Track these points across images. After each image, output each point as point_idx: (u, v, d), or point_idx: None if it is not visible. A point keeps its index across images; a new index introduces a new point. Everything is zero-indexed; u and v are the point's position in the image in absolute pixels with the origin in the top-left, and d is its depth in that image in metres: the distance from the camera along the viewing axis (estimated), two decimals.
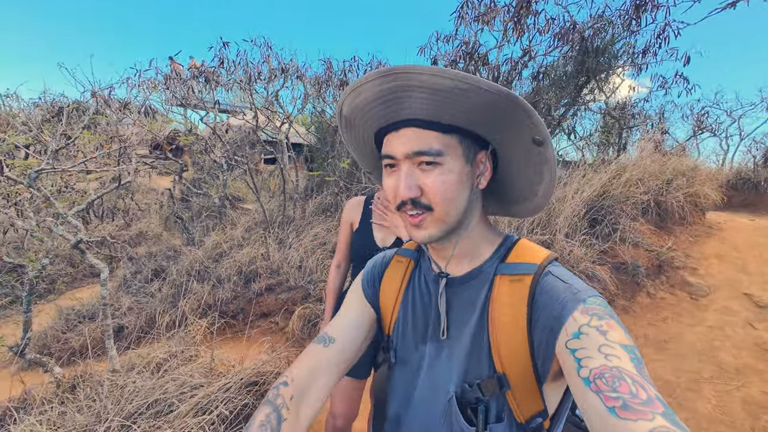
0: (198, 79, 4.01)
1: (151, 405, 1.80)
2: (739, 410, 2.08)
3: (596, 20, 3.56)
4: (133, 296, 3.98)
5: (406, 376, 0.64)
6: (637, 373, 0.40)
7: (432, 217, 0.54)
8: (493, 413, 0.53)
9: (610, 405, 0.38)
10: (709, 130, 8.04)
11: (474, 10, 3.71)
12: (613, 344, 0.43)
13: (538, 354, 0.50)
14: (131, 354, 2.75)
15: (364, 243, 1.38)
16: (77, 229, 1.88)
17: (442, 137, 0.52)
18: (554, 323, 0.48)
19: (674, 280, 3.17)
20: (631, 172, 3.69)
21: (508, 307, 0.53)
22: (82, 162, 1.73)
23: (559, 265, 0.56)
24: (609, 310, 0.48)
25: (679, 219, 3.80)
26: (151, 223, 6.41)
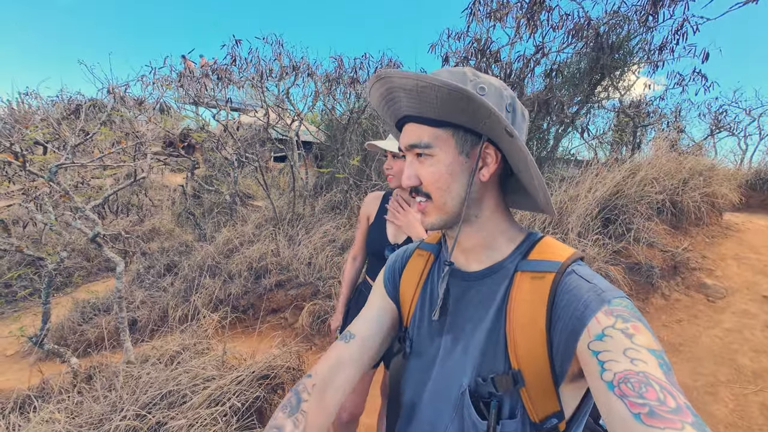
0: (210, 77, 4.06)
1: (165, 396, 1.83)
2: (758, 415, 2.03)
3: (612, 16, 3.49)
4: (146, 290, 4.05)
5: (421, 367, 0.64)
6: (666, 380, 0.39)
7: (432, 206, 0.58)
8: (506, 409, 0.52)
9: (636, 411, 0.37)
10: (727, 129, 7.84)
11: (486, 7, 3.67)
12: (640, 348, 0.42)
13: (556, 354, 0.49)
14: (145, 346, 2.81)
15: (376, 237, 1.40)
16: (95, 223, 1.92)
17: (433, 130, 0.56)
18: (576, 324, 0.47)
19: (690, 281, 3.10)
20: (646, 171, 3.61)
21: (528, 304, 0.52)
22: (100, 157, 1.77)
23: (584, 265, 0.55)
24: (636, 312, 0.47)
25: (696, 219, 3.72)
26: (164, 219, 6.51)
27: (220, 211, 5.07)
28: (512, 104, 0.56)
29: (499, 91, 0.55)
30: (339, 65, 3.67)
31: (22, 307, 4.38)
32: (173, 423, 1.51)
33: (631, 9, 3.56)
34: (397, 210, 1.30)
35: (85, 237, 2.01)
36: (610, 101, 5.13)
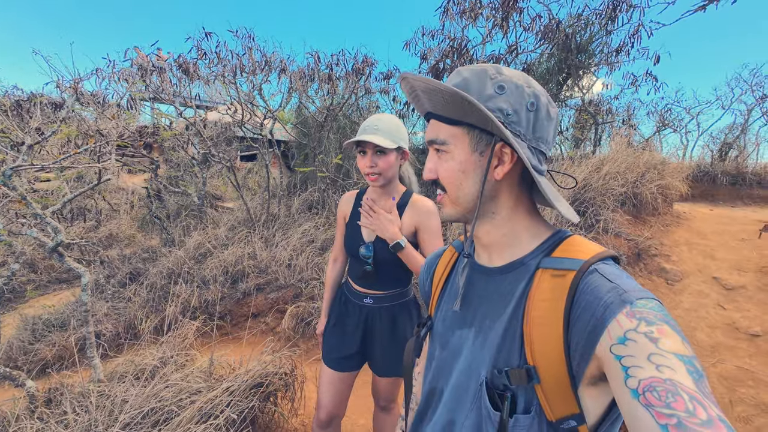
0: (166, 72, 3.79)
1: (148, 414, 1.70)
2: (717, 384, 2.25)
3: (576, 19, 3.68)
4: (107, 302, 3.74)
5: (446, 358, 0.66)
6: (696, 389, 0.37)
7: (447, 199, 0.61)
8: (521, 404, 0.52)
9: (663, 422, 0.35)
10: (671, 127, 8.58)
11: (459, 6, 3.74)
12: (666, 353, 0.39)
13: (573, 354, 0.48)
14: (113, 362, 2.60)
15: (352, 237, 1.38)
16: (57, 231, 1.74)
17: (449, 128, 0.58)
18: (596, 325, 0.46)
19: (651, 267, 3.36)
20: (610, 165, 3.86)
21: (547, 302, 0.52)
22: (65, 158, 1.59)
23: (612, 264, 0.53)
24: (663, 314, 0.44)
25: (652, 209, 4.03)
26: (122, 224, 6.05)
27: (189, 214, 4.79)
28: (535, 103, 0.55)
29: (520, 90, 0.54)
30: (316, 61, 3.58)
31: None
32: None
33: (592, 13, 3.78)
34: (368, 213, 1.29)
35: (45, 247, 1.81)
36: (572, 99, 5.43)
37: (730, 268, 3.41)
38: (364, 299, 1.38)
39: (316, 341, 3.17)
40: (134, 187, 7.24)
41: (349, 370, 1.42)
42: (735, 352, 2.51)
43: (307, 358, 2.87)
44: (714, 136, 8.25)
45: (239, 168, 8.32)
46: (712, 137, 8.29)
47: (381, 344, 1.38)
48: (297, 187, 5.21)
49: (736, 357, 2.46)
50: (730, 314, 2.86)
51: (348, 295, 1.44)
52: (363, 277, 1.34)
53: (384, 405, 1.54)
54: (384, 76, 3.85)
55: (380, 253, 1.29)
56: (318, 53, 3.54)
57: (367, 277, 1.33)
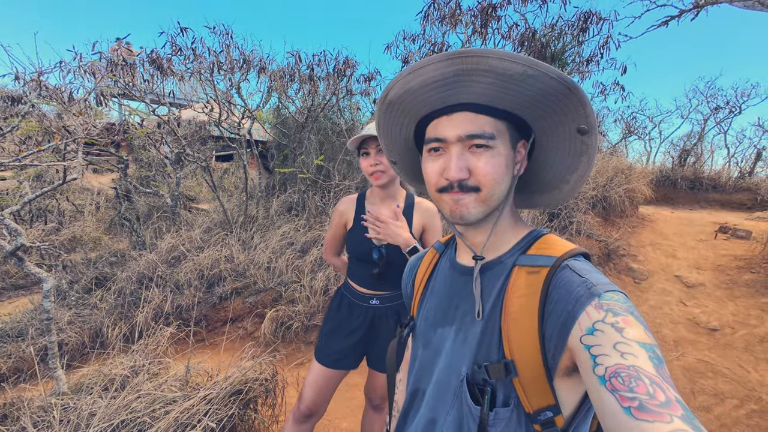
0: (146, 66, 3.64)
1: (118, 427, 1.61)
2: (681, 377, 2.39)
3: (550, 29, 3.83)
4: (71, 309, 3.52)
5: (428, 357, 0.66)
6: (656, 374, 0.39)
7: (476, 198, 0.56)
8: (500, 398, 0.54)
9: (626, 405, 0.37)
10: (636, 134, 9.08)
11: (439, 12, 3.81)
12: (630, 342, 0.42)
13: (548, 346, 0.50)
14: (78, 373, 2.44)
15: (360, 241, 1.36)
16: (17, 234, 1.63)
17: (494, 122, 0.55)
18: (567, 317, 0.48)
19: (620, 266, 3.53)
20: None
21: (522, 298, 0.54)
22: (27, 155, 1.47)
23: (582, 260, 0.55)
24: (628, 305, 0.47)
25: (620, 212, 4.25)
26: (86, 226, 5.72)
27: (161, 216, 4.59)
28: None
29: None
30: (296, 61, 3.53)
31: None
32: None
33: (566, 23, 3.95)
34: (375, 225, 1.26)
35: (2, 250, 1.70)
36: None
37: (689, 266, 3.64)
38: (370, 301, 1.38)
39: (296, 346, 3.11)
40: (100, 188, 6.85)
41: (344, 368, 1.41)
42: (696, 345, 2.68)
43: (288, 363, 2.82)
44: (674, 143, 8.82)
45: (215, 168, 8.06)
46: (672, 144, 8.85)
47: (385, 340, 1.39)
48: (276, 189, 5.10)
49: (696, 350, 2.62)
50: (691, 310, 3.05)
51: (351, 298, 1.43)
52: (371, 279, 1.34)
53: (378, 404, 1.54)
54: (365, 78, 3.86)
55: (391, 256, 1.30)
56: (299, 53, 3.49)
57: (376, 279, 1.33)
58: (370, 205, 1.40)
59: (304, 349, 3.07)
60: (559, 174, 0.63)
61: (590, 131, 0.54)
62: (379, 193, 1.36)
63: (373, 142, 1.26)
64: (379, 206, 1.37)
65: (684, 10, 2.93)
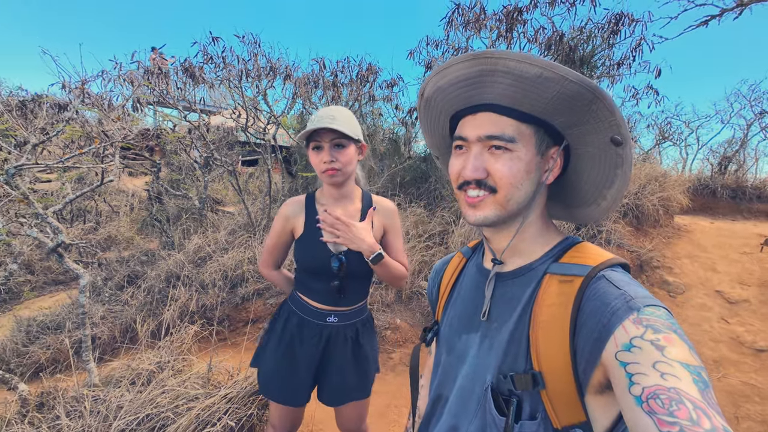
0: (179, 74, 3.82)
1: (143, 421, 1.66)
2: (723, 399, 2.21)
3: (579, 32, 3.73)
4: (104, 304, 3.70)
5: (452, 363, 0.65)
6: (701, 398, 0.36)
7: (493, 199, 0.55)
8: (527, 410, 0.52)
9: (665, 429, 0.35)
10: (671, 140, 8.64)
11: (464, 17, 3.79)
12: (672, 362, 0.39)
13: (580, 360, 0.48)
14: (109, 366, 2.55)
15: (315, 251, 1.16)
16: (58, 231, 1.72)
17: (518, 125, 0.53)
18: (602, 331, 0.45)
19: (654, 279, 3.34)
20: None
21: (553, 307, 0.52)
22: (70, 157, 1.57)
23: (621, 272, 0.52)
24: (671, 322, 0.44)
25: (654, 221, 4.03)
26: (121, 226, 6.02)
27: (189, 217, 4.77)
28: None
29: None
30: (321, 67, 3.61)
31: None
32: None
33: (595, 26, 3.83)
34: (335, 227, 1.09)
35: (45, 247, 1.80)
36: None
37: (732, 281, 3.40)
38: (327, 318, 1.21)
39: None
40: (135, 190, 7.22)
41: (301, 404, 1.25)
42: (740, 366, 2.48)
43: None
44: (713, 150, 8.31)
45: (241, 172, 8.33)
46: (711, 151, 8.35)
47: (341, 369, 1.22)
48: (298, 193, 5.21)
49: (741, 372, 2.43)
50: (734, 328, 2.83)
51: (303, 315, 1.22)
52: (329, 293, 1.16)
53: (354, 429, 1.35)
54: (388, 84, 3.88)
55: (352, 265, 1.14)
56: (323, 60, 3.58)
57: (335, 293, 1.16)
58: (322, 206, 1.21)
59: None
60: (596, 188, 0.60)
61: (624, 142, 0.52)
62: (333, 192, 1.19)
63: (327, 135, 1.08)
64: (333, 208, 1.20)
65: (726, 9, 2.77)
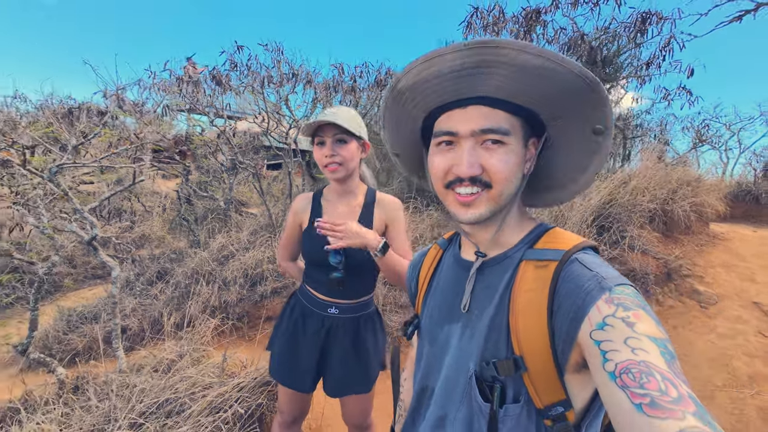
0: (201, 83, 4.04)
1: (162, 404, 1.77)
2: (755, 417, 2.06)
3: (602, 32, 3.63)
4: (136, 298, 3.94)
5: (435, 354, 0.65)
6: (668, 369, 0.38)
7: (487, 196, 0.54)
8: (510, 394, 0.53)
9: (637, 402, 0.36)
10: (709, 143, 8.14)
11: (482, 20, 3.78)
12: (641, 336, 0.41)
13: (558, 341, 0.49)
14: (137, 355, 2.72)
15: (315, 244, 1.21)
16: (93, 225, 1.87)
17: (510, 117, 0.53)
18: (577, 312, 0.47)
19: (683, 288, 3.17)
20: (638, 180, 3.72)
21: (530, 292, 0.52)
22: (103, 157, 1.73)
23: (591, 254, 0.54)
24: (639, 300, 0.46)
25: (685, 228, 3.82)
26: (154, 225, 6.39)
27: (214, 218, 5.00)
28: None
29: None
30: (340, 72, 3.72)
31: (5, 316, 4.21)
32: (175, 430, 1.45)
33: (620, 26, 3.71)
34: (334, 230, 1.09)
35: (81, 240, 1.95)
36: None
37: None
38: (328, 309, 1.25)
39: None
40: (167, 191, 7.63)
41: (304, 390, 1.28)
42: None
43: None
44: (757, 154, 7.76)
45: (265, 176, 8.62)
46: (755, 154, 7.80)
47: (342, 360, 1.25)
48: None
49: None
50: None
51: (307, 304, 1.28)
52: (330, 285, 1.19)
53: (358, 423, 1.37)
54: None
55: (352, 258, 1.18)
56: (342, 65, 3.68)
57: (336, 286, 1.19)
58: (327, 202, 1.26)
59: None
60: (569, 173, 0.61)
61: (606, 132, 0.52)
62: (337, 188, 1.23)
63: (330, 130, 1.13)
64: (336, 203, 1.24)
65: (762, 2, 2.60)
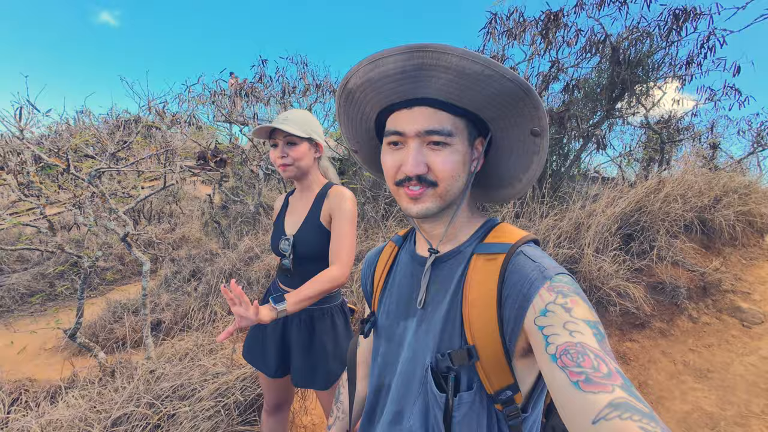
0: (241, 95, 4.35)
1: (177, 389, 1.93)
2: None
3: (631, 31, 3.46)
4: (171, 294, 4.28)
5: (391, 350, 0.67)
6: (599, 348, 0.42)
7: (433, 192, 0.56)
8: (464, 382, 0.55)
9: (574, 379, 0.40)
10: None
11: (503, 25, 3.76)
12: (577, 320, 0.44)
13: (506, 329, 0.52)
14: (166, 345, 2.96)
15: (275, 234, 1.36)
16: (125, 224, 2.09)
17: (453, 119, 0.55)
18: (522, 300, 0.50)
19: (722, 304, 2.89)
20: (672, 186, 3.46)
21: (481, 284, 0.55)
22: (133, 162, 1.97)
23: (534, 247, 0.58)
24: (575, 286, 0.50)
25: (730, 239, 3.49)
26: (193, 228, 6.89)
27: (244, 221, 5.31)
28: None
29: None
30: None
31: (64, 305, 4.74)
32: (181, 410, 1.59)
33: (652, 24, 3.52)
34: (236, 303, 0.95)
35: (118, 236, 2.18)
36: (635, 117, 4.99)
37: None
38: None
39: None
40: (206, 196, 8.21)
41: (269, 374, 1.34)
42: None
43: None
44: None
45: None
46: None
47: (300, 352, 1.29)
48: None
49: None
50: None
51: (272, 292, 1.37)
52: (283, 274, 1.28)
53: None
54: None
55: (300, 247, 1.23)
56: None
57: (288, 275, 1.25)
58: (293, 198, 1.38)
59: None
60: (514, 172, 0.63)
61: (542, 134, 0.55)
62: (297, 185, 1.34)
63: (282, 133, 1.21)
64: (298, 199, 1.34)
65: None
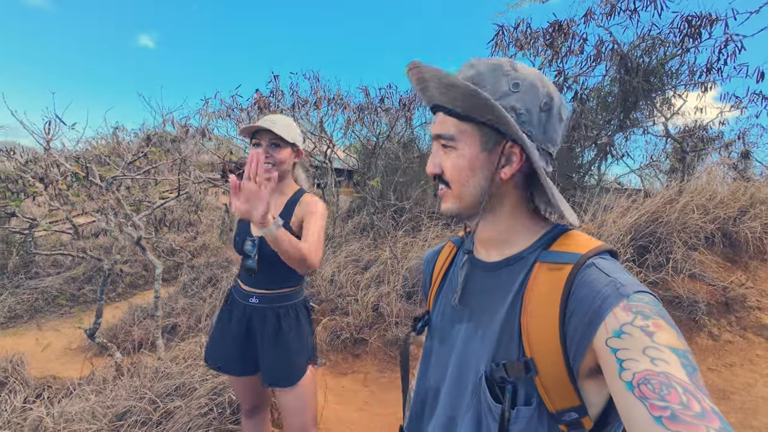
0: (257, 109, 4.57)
1: (179, 387, 2.01)
2: None
3: (643, 39, 3.40)
4: (188, 299, 4.45)
5: (444, 353, 0.65)
6: (689, 382, 0.36)
7: (450, 194, 0.58)
8: (521, 396, 0.52)
9: (657, 414, 0.35)
10: None
11: (510, 36, 3.79)
12: (661, 347, 0.39)
13: (570, 346, 0.48)
14: (178, 347, 3.08)
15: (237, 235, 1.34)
16: (139, 228, 2.23)
17: (458, 123, 0.56)
18: (592, 317, 0.45)
19: (746, 321, 2.70)
20: (692, 196, 3.31)
21: (543, 295, 0.52)
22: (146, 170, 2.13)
23: (609, 259, 0.52)
24: (658, 308, 0.44)
25: (758, 253, 3.27)
26: (213, 237, 7.17)
27: None
28: (548, 103, 0.55)
29: (534, 89, 0.54)
30: (366, 95, 3.99)
31: (89, 309, 5.02)
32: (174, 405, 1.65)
33: (665, 31, 3.45)
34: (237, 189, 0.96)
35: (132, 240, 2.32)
36: (654, 126, 4.83)
37: None
38: (249, 299, 1.32)
39: (344, 356, 3.27)
40: (223, 206, 8.54)
41: (237, 374, 1.35)
42: None
43: (332, 369, 2.99)
44: None
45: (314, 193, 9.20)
46: None
47: (266, 350, 1.31)
48: (354, 212, 5.58)
49: None
50: None
51: (235, 294, 1.39)
52: (247, 274, 1.28)
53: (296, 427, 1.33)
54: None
55: (265, 248, 1.21)
56: (367, 88, 3.95)
57: (252, 275, 1.25)
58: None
59: (350, 361, 3.20)
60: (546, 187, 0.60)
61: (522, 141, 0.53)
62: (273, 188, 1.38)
63: (266, 134, 1.22)
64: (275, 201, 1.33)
65: None
